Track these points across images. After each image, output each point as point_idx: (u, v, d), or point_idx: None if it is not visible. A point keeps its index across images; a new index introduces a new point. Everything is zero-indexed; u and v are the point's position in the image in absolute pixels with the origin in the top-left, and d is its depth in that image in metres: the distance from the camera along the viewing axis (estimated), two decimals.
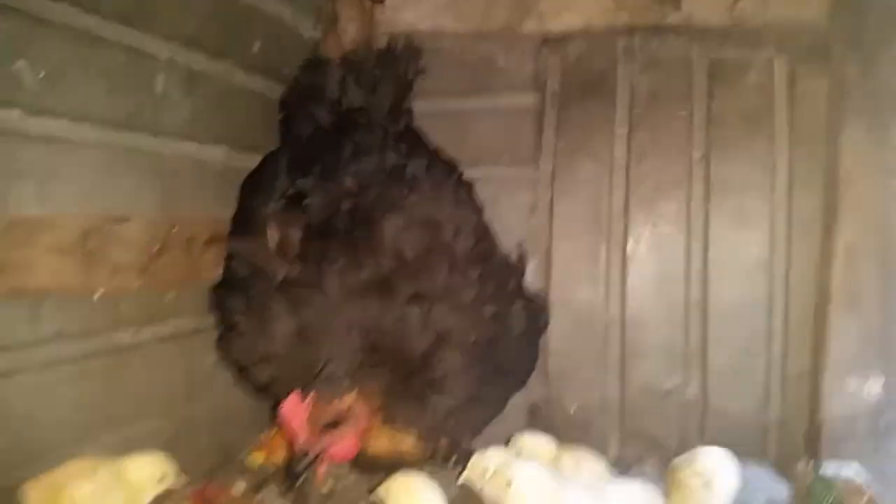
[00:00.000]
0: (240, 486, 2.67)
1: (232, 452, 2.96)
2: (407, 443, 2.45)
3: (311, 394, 2.26)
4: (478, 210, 2.90)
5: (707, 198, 3.21)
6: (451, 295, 2.43)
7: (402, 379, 2.36)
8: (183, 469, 2.64)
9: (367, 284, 2.36)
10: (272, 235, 2.43)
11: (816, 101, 3.09)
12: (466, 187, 2.91)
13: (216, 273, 2.67)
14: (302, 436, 2.26)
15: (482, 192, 3.19)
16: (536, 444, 2.75)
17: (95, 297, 2.29)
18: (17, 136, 2.04)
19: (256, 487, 2.73)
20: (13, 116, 2.01)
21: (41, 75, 2.07)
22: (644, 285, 3.27)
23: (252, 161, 2.90)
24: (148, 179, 2.48)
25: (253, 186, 2.68)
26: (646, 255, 3.29)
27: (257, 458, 2.94)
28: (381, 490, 2.27)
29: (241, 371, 2.46)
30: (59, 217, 2.15)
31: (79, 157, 2.24)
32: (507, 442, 2.76)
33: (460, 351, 2.40)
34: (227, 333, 2.47)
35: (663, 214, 3.28)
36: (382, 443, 2.43)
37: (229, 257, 2.58)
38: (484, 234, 2.81)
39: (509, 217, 3.31)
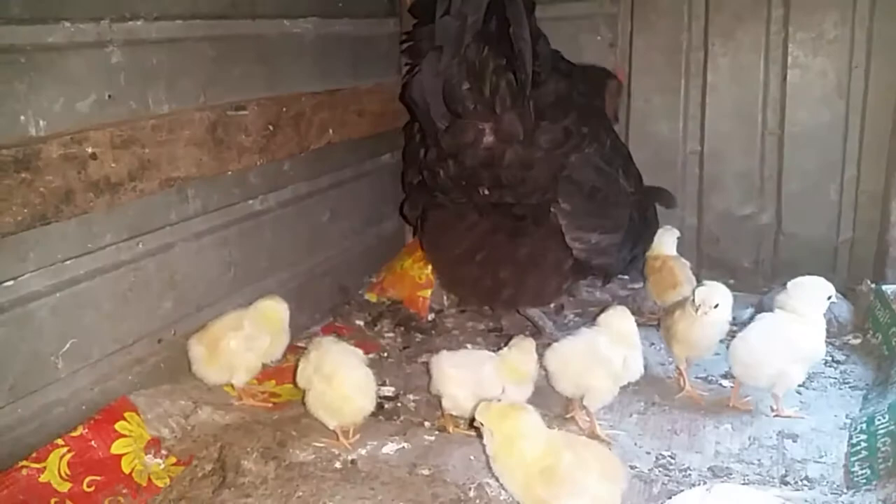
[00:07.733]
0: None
1: (350, 292, 3.41)
2: None
3: None
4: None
5: (786, 22, 3.20)
6: None
7: None
8: (310, 308, 3.13)
9: None
10: None
11: None
12: None
13: (323, 142, 2.97)
14: None
15: (560, 31, 3.25)
16: None
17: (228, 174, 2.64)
18: (145, 42, 2.30)
19: (374, 320, 3.21)
20: (138, 26, 2.27)
21: None
22: (722, 117, 3.38)
23: (342, 26, 3.10)
24: (254, 65, 2.72)
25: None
26: (724, 86, 3.36)
27: (372, 297, 3.40)
28: None
29: None
30: (190, 112, 2.44)
31: (195, 54, 2.49)
32: None
33: None
34: None
35: (742, 43, 3.30)
36: None
37: None
38: None
39: (589, 54, 3.40)
